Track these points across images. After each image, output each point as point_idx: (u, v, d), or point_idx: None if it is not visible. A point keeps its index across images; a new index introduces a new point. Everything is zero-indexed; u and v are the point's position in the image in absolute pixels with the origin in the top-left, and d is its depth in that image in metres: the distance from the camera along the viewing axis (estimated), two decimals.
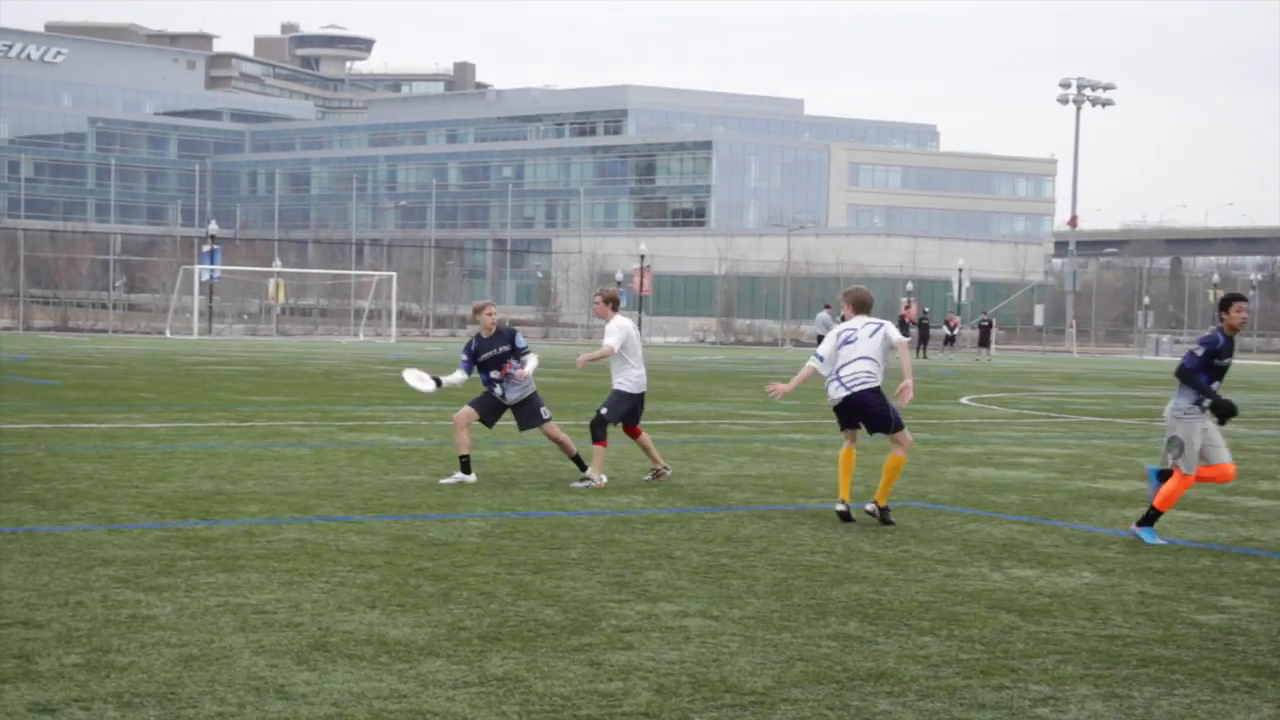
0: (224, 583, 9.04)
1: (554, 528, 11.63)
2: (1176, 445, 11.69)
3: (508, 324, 14.79)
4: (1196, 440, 11.63)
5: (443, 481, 14.24)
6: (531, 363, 14.57)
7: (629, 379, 14.59)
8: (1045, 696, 7.00)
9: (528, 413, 14.56)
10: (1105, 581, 9.98)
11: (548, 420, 14.59)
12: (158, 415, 21.85)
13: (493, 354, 14.40)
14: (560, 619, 8.31)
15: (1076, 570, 10.39)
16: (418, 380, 14.86)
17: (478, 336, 14.51)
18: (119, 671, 6.92)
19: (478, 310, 14.56)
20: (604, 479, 14.45)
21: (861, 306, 12.97)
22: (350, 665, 7.16)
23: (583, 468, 14.64)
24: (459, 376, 14.52)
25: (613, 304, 14.94)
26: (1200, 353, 11.70)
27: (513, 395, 14.48)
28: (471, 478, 14.28)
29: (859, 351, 12.70)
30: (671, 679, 7.09)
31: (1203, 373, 11.70)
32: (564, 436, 14.70)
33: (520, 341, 14.54)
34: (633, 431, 14.79)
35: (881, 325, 12.80)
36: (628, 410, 14.62)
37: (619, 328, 14.59)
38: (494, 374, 14.43)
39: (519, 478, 14.97)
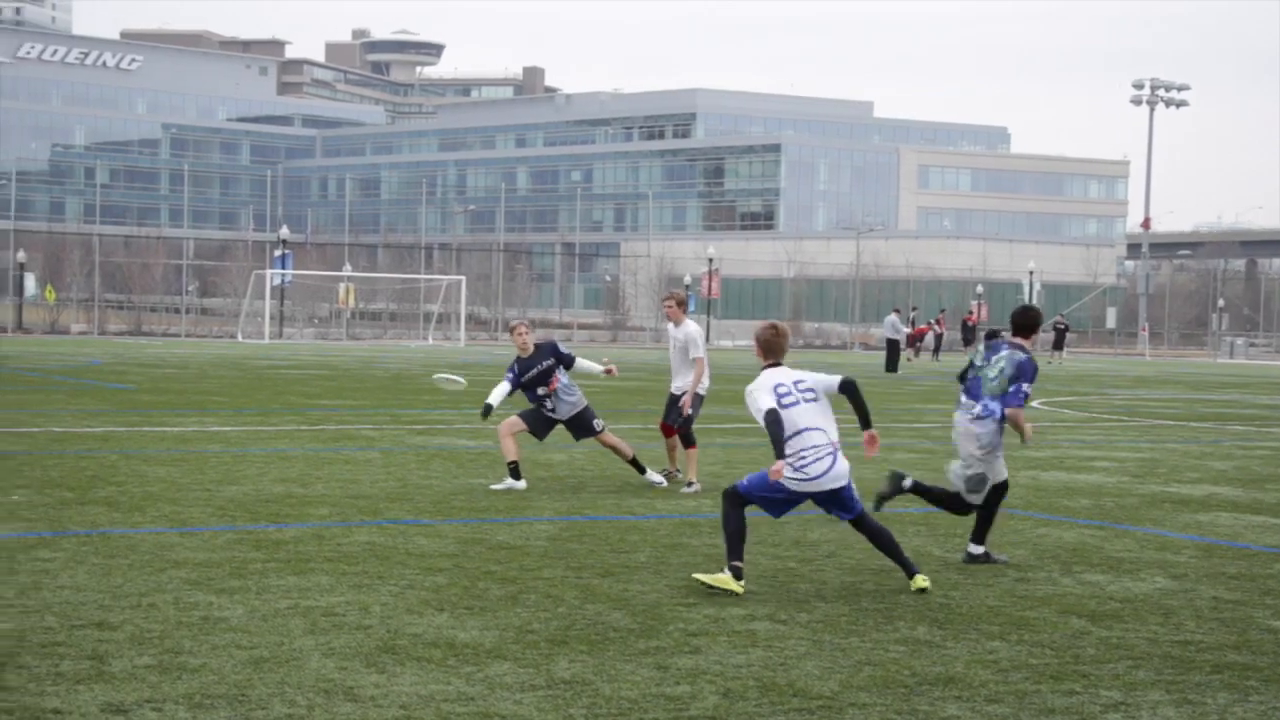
0: (294, 585, 9.10)
1: (622, 531, 11.63)
2: None
3: (546, 339, 14.70)
4: None
5: (493, 487, 14.19)
6: (586, 365, 14.60)
7: (709, 380, 14.93)
8: (1116, 702, 6.93)
9: (580, 427, 14.55)
10: (1178, 587, 9.88)
11: (601, 431, 14.56)
12: (229, 419, 22.04)
13: (537, 371, 14.29)
14: (628, 622, 8.31)
15: (1149, 575, 10.29)
16: (447, 382, 15.03)
17: (518, 358, 14.37)
18: (190, 673, 6.98)
19: (511, 330, 14.57)
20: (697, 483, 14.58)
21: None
22: (418, 668, 7.19)
23: (641, 470, 14.65)
24: (503, 389, 14.23)
25: (683, 306, 15.00)
26: None
27: (564, 411, 14.42)
28: (522, 484, 14.14)
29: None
30: (739, 683, 7.08)
31: None
32: (619, 442, 14.70)
33: (564, 349, 14.48)
34: (670, 430, 15.00)
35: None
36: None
37: (702, 336, 14.81)
38: (541, 390, 14.31)
39: (587, 481, 14.99)
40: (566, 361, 14.39)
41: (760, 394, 9.43)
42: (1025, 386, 10.30)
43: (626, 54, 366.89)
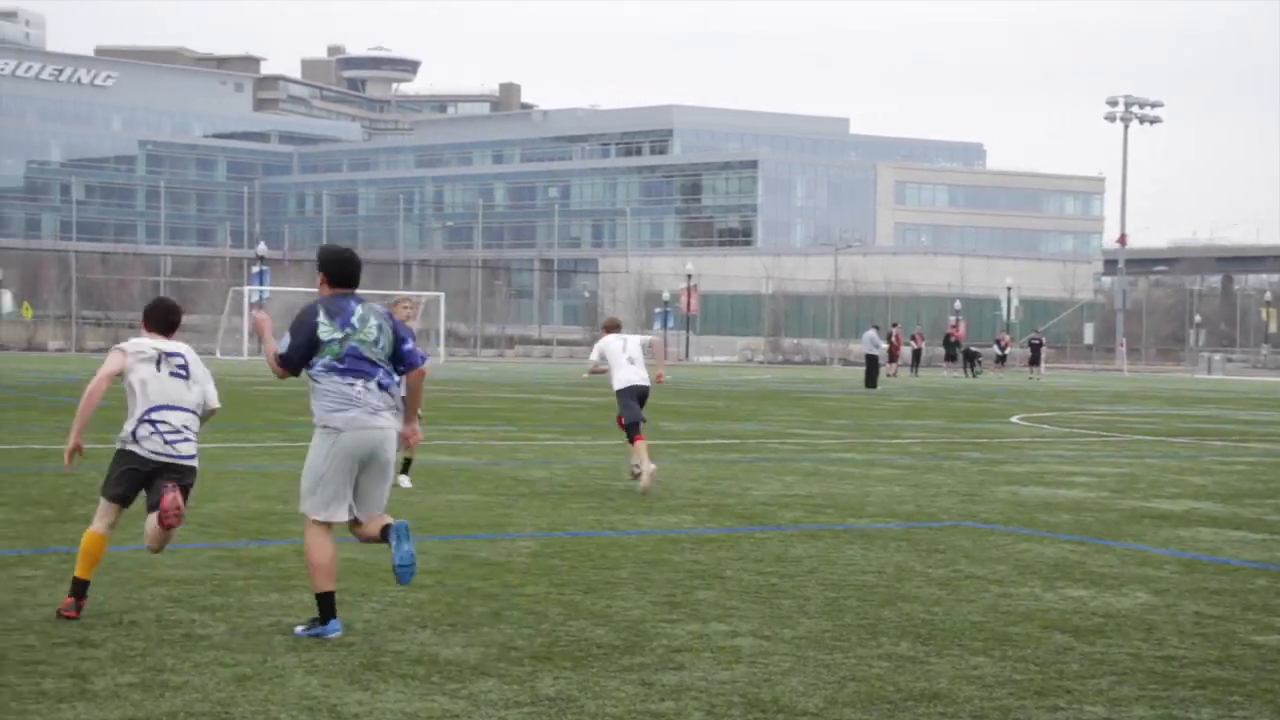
0: (276, 602, 9.06)
1: (604, 547, 11.61)
2: None
3: None
4: None
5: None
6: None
7: (614, 380, 16.28)
8: (1101, 718, 6.94)
9: None
10: (1160, 602, 9.90)
11: None
12: (209, 435, 21.89)
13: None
14: (611, 639, 8.29)
15: (1131, 590, 10.30)
16: None
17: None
18: (173, 691, 6.94)
19: (397, 304, 15.76)
20: (650, 466, 15.48)
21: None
22: (402, 685, 7.17)
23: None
24: None
25: (604, 330, 16.94)
26: None
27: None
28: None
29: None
30: (723, 699, 7.06)
31: None
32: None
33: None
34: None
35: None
36: (628, 404, 16.08)
37: (596, 347, 16.67)
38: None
39: (568, 497, 14.98)
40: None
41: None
42: None
43: (603, 71, 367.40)
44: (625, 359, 16.23)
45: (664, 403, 35.07)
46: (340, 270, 8.62)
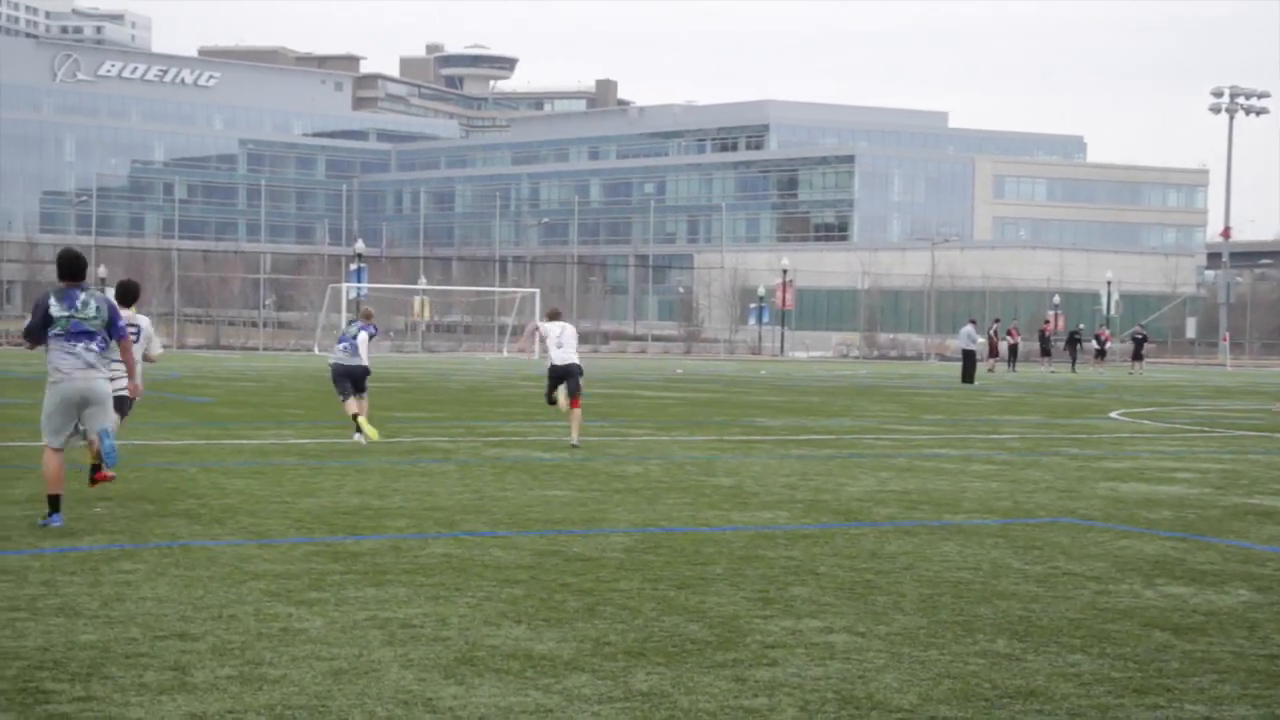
0: (372, 597, 9.14)
1: (698, 543, 11.61)
2: None
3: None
4: None
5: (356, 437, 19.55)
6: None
7: (551, 359, 21.02)
8: (1202, 716, 6.84)
9: (360, 381, 21.13)
10: (1263, 599, 9.74)
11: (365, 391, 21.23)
12: (306, 431, 22.20)
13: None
14: (705, 634, 8.28)
15: (1233, 588, 10.14)
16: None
17: (361, 327, 21.11)
18: (271, 684, 7.02)
19: (369, 315, 21.90)
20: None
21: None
22: (496, 679, 7.20)
23: (358, 429, 20.08)
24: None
25: (547, 317, 21.76)
26: None
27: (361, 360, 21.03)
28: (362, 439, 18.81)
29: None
30: (817, 695, 7.04)
31: None
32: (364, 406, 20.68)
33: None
34: (571, 402, 20.61)
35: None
36: (555, 380, 20.88)
37: (543, 325, 21.35)
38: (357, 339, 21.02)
39: (663, 493, 14.99)
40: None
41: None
42: None
43: (699, 66, 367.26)
44: (556, 344, 20.71)
45: (759, 398, 34.97)
46: (68, 269, 11.70)
